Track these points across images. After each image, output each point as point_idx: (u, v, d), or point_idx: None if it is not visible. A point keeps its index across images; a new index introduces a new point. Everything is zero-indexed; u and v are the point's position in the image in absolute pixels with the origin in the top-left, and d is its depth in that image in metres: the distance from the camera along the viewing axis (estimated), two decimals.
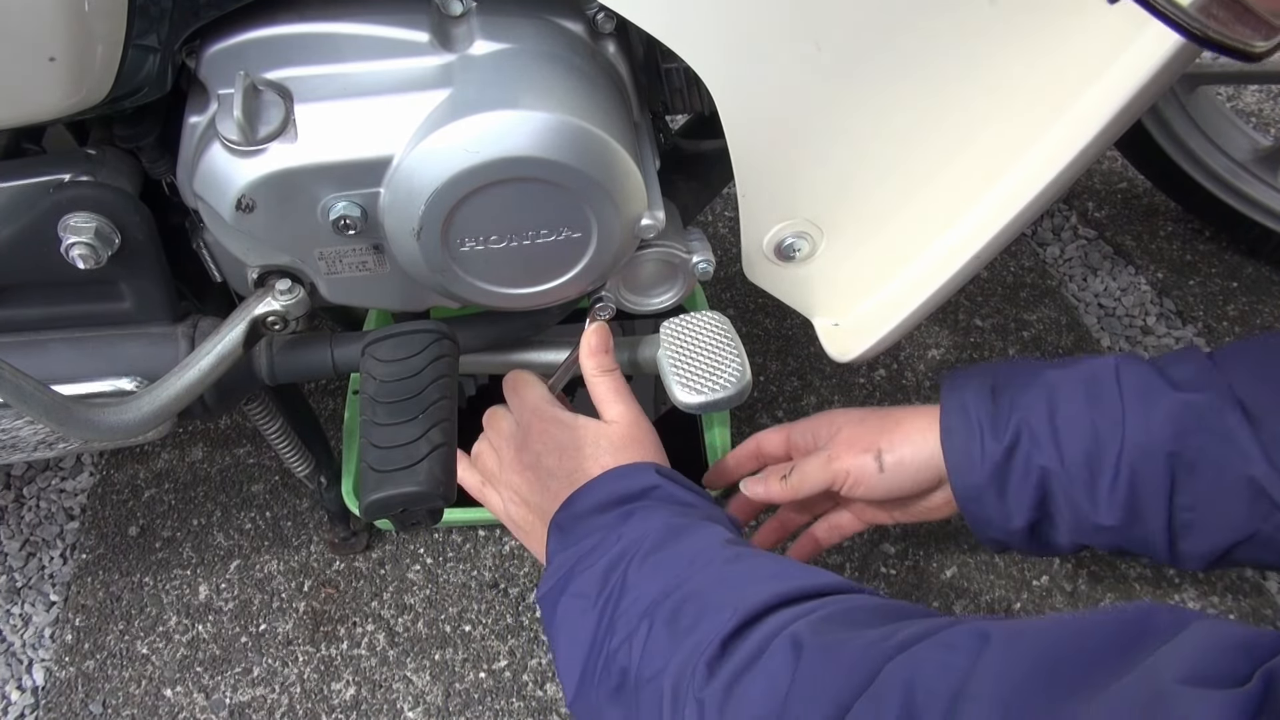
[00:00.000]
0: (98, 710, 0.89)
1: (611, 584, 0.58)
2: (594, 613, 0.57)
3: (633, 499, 0.63)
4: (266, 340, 0.74)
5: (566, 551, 0.62)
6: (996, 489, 0.66)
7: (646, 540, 0.58)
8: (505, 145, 0.59)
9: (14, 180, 0.64)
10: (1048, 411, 0.65)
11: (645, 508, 0.62)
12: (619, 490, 0.63)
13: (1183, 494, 0.61)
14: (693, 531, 0.59)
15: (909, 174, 0.70)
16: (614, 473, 0.64)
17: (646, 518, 0.61)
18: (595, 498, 0.63)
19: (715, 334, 0.70)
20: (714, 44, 0.61)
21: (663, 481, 0.64)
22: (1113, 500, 0.63)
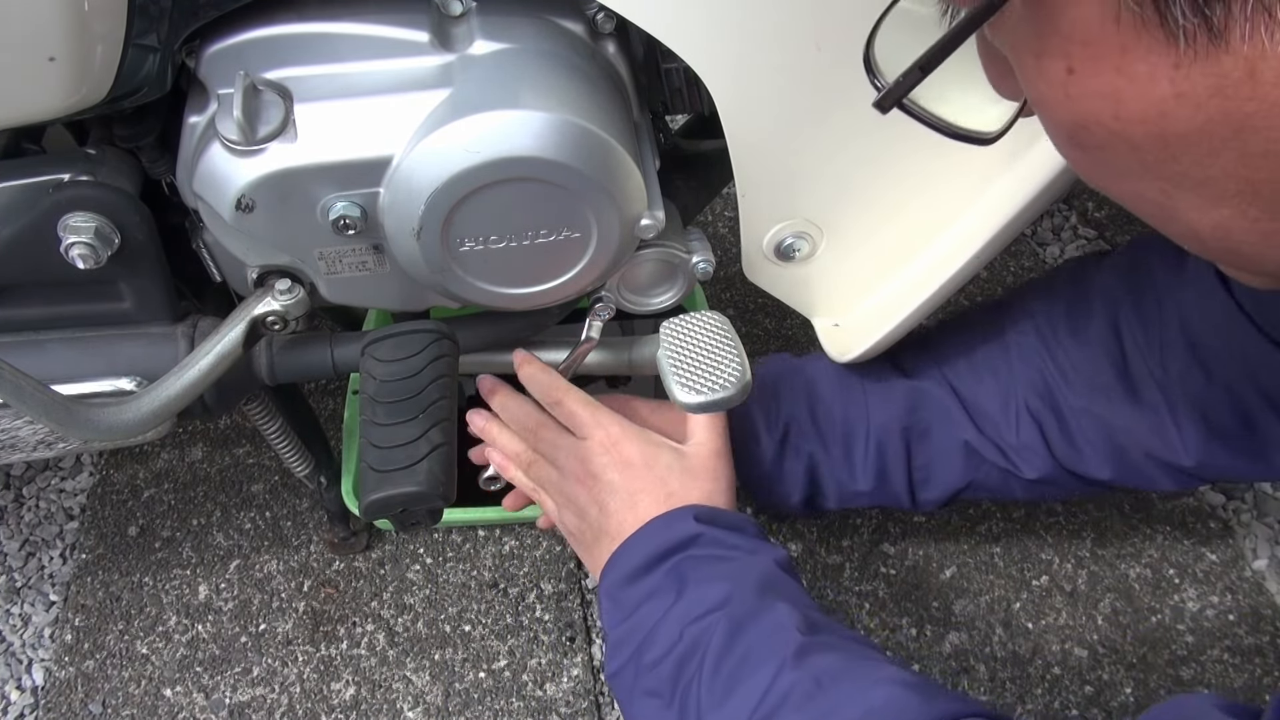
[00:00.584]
0: (97, 710, 0.89)
1: (683, 690, 0.58)
2: (672, 719, 0.59)
3: (676, 550, 0.64)
4: (266, 340, 0.74)
5: (624, 624, 0.63)
6: (775, 474, 0.80)
7: (711, 637, 0.58)
8: (505, 145, 0.59)
9: (14, 180, 0.64)
10: (808, 406, 0.79)
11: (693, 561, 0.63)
12: (661, 544, 0.64)
13: (917, 456, 0.78)
14: (755, 623, 0.58)
15: (909, 174, 0.70)
16: (654, 525, 0.65)
17: (700, 583, 0.61)
18: (638, 557, 0.64)
19: (715, 334, 0.70)
20: (714, 44, 0.61)
21: (704, 529, 0.64)
22: (866, 470, 0.78)
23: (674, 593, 0.62)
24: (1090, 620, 0.92)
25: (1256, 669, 0.88)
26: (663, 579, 0.63)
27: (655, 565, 0.64)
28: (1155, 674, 0.88)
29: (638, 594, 0.63)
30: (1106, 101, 0.32)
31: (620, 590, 0.64)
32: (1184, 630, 0.91)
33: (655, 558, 0.64)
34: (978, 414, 0.76)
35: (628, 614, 0.63)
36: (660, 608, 0.61)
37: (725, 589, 0.60)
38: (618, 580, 0.65)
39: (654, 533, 0.65)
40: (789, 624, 0.58)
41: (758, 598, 0.60)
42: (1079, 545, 0.98)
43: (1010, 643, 0.91)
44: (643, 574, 0.64)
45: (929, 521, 1.00)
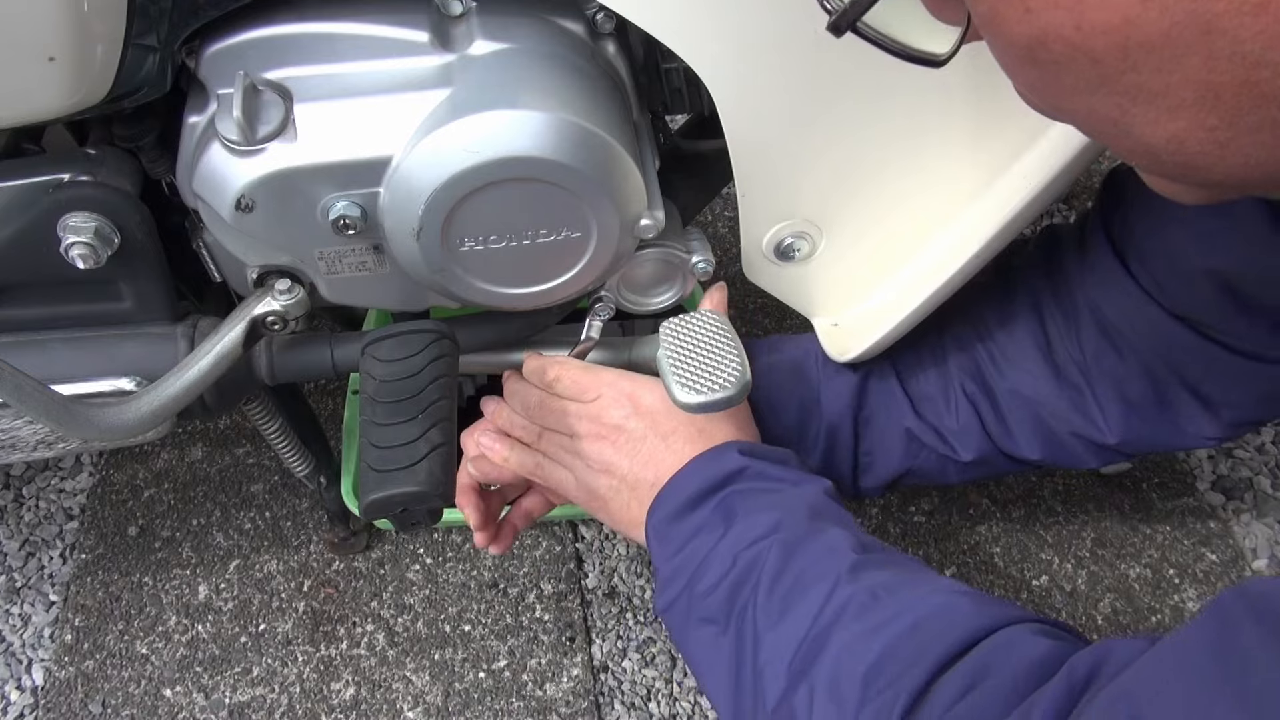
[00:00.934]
0: (97, 710, 0.89)
1: (739, 614, 0.58)
2: (729, 644, 0.59)
3: (723, 485, 0.64)
4: (266, 340, 0.74)
5: (674, 559, 0.63)
6: None
7: (767, 561, 0.59)
8: (505, 145, 0.59)
9: (14, 180, 0.64)
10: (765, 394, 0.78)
11: (740, 495, 0.63)
12: (708, 479, 0.64)
13: (864, 441, 0.78)
14: (808, 545, 0.59)
15: (908, 173, 0.70)
16: (699, 461, 0.65)
17: (749, 514, 0.62)
18: (685, 493, 0.64)
19: (715, 334, 0.70)
20: (714, 44, 0.61)
21: (749, 462, 0.64)
22: (815, 453, 0.78)
23: (723, 525, 0.62)
24: (1090, 620, 0.92)
25: None
26: (711, 514, 0.63)
27: (703, 500, 0.64)
28: None
29: (687, 528, 0.63)
30: (1069, 13, 0.31)
31: (668, 526, 0.64)
32: None
33: (703, 493, 0.63)
34: (919, 400, 0.77)
35: (678, 548, 0.63)
36: (711, 539, 0.62)
37: (775, 516, 0.61)
38: (666, 516, 0.64)
39: (699, 468, 0.65)
40: (842, 545, 0.59)
41: (809, 522, 0.61)
42: (1079, 545, 0.98)
43: None
44: (690, 509, 0.64)
45: (929, 521, 1.00)
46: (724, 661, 0.59)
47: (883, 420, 0.78)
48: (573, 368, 0.72)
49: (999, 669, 0.49)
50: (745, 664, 0.57)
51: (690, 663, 0.63)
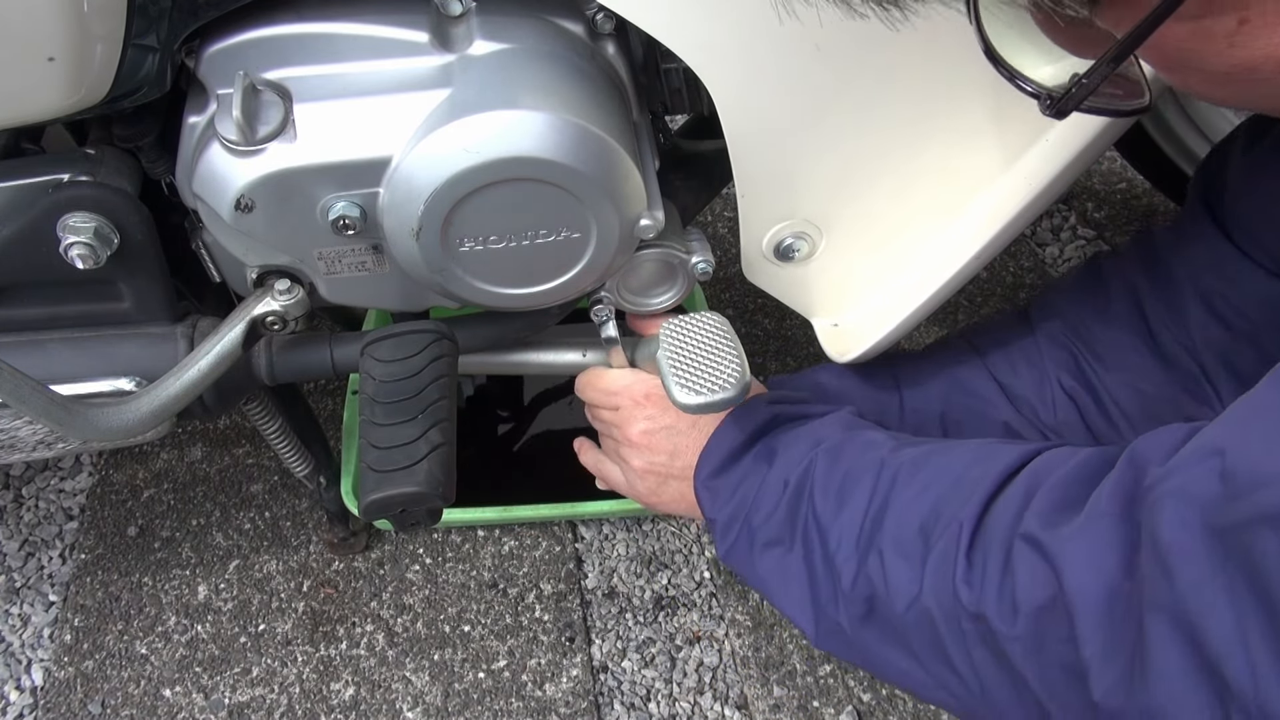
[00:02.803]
0: (96, 710, 0.89)
1: (802, 523, 0.62)
2: (797, 555, 0.62)
3: (761, 434, 0.68)
4: (265, 340, 0.74)
5: (727, 506, 0.66)
6: None
7: (815, 470, 0.62)
8: (504, 145, 0.59)
9: (13, 180, 0.64)
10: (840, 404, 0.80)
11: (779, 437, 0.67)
12: (745, 432, 0.68)
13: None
14: (849, 447, 0.63)
15: (908, 174, 0.70)
16: (731, 419, 0.69)
17: (789, 446, 0.65)
18: (725, 447, 0.68)
19: (715, 334, 0.70)
20: (713, 45, 0.61)
21: (779, 408, 0.69)
22: None
23: (766, 464, 0.65)
24: None
25: None
26: (753, 461, 0.67)
27: (743, 452, 0.67)
28: None
29: (733, 479, 0.67)
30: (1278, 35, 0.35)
31: (714, 480, 0.67)
32: None
33: (742, 445, 0.67)
34: (1015, 398, 0.78)
35: (729, 496, 0.66)
36: (758, 479, 0.65)
37: (813, 437, 0.65)
38: (711, 472, 0.68)
39: (734, 424, 0.69)
40: (880, 438, 0.63)
41: (845, 431, 0.65)
42: None
43: None
44: (733, 461, 0.67)
45: None
46: (795, 569, 0.62)
47: (977, 418, 0.79)
48: (594, 380, 0.77)
49: (1049, 474, 0.52)
50: (815, 561, 0.60)
51: (763, 588, 0.65)
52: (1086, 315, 0.76)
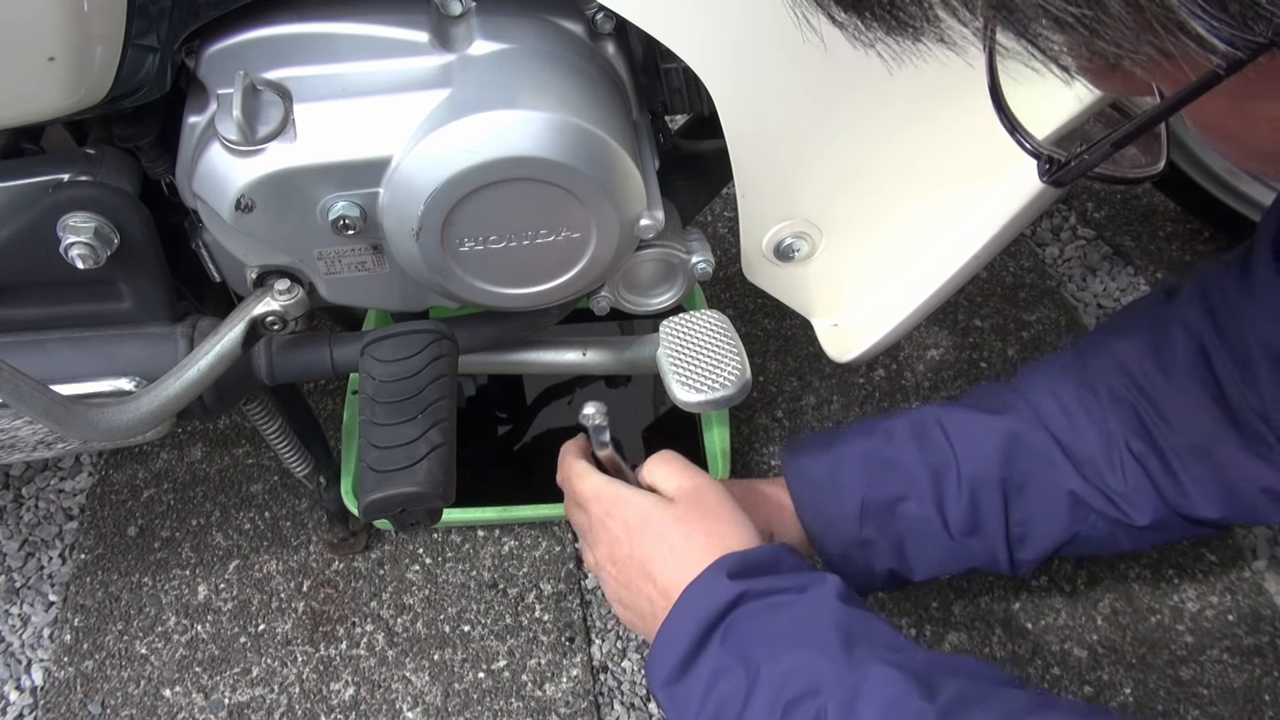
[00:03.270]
0: (96, 710, 0.89)
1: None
2: None
3: (720, 619, 0.57)
4: (265, 340, 0.74)
5: (702, 717, 0.56)
6: (857, 547, 0.73)
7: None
8: (504, 145, 0.59)
9: (13, 180, 0.64)
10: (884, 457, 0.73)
11: (747, 623, 0.57)
12: (702, 618, 0.57)
13: (1015, 511, 0.72)
14: (869, 705, 0.52)
15: (908, 174, 0.70)
16: (686, 599, 0.59)
17: (774, 658, 0.55)
18: (683, 642, 0.57)
19: (715, 333, 0.70)
20: (714, 44, 0.61)
21: (744, 585, 0.58)
22: (956, 524, 0.72)
23: (742, 670, 0.55)
24: (1090, 620, 0.92)
25: (1256, 669, 0.88)
26: (720, 654, 0.56)
27: (705, 642, 0.57)
28: (1154, 674, 0.88)
29: (700, 682, 0.56)
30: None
31: (675, 686, 0.57)
32: (1183, 630, 0.91)
33: (702, 635, 0.57)
34: (1079, 461, 0.71)
35: (697, 709, 0.56)
36: (736, 693, 0.55)
37: (810, 661, 0.54)
38: (670, 675, 0.58)
39: (689, 609, 0.58)
40: (906, 690, 0.51)
41: (848, 661, 0.54)
42: None
43: (1010, 643, 0.91)
44: (694, 657, 0.57)
45: None
46: None
47: (1039, 486, 0.72)
48: (569, 473, 0.71)
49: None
50: None
51: None
52: (1149, 369, 0.70)
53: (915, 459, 0.72)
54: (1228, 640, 0.90)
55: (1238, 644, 0.90)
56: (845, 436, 0.75)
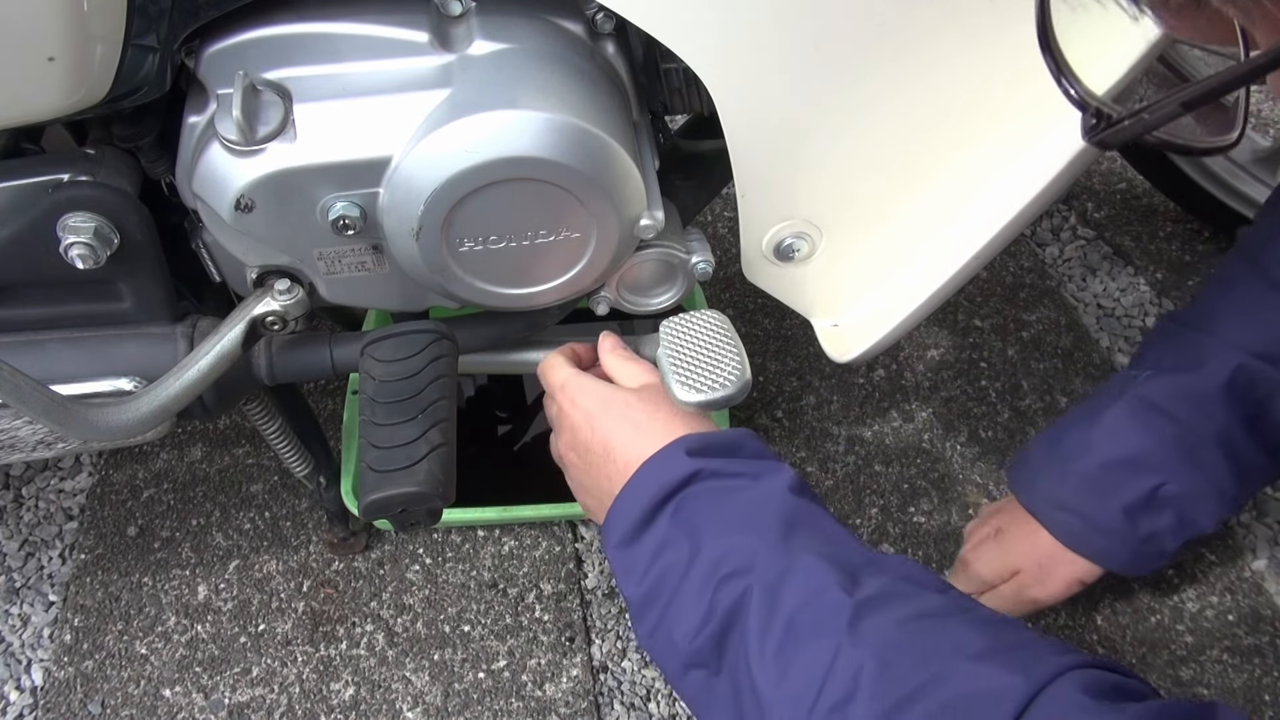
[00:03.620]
0: (96, 710, 0.89)
1: (733, 665, 0.53)
2: (725, 688, 0.54)
3: (675, 493, 0.59)
4: (265, 340, 0.74)
5: (643, 586, 0.58)
6: (1143, 542, 0.82)
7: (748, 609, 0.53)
8: (504, 145, 0.59)
9: (13, 180, 0.64)
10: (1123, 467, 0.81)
11: (698, 500, 0.58)
12: (657, 490, 0.59)
13: (1267, 435, 0.80)
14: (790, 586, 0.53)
15: (908, 174, 0.70)
16: (645, 470, 0.60)
17: (717, 536, 0.56)
18: (637, 508, 0.59)
19: (715, 333, 0.70)
20: (713, 44, 0.61)
21: (700, 463, 0.59)
22: (1223, 468, 0.80)
23: (687, 543, 0.57)
24: (1090, 620, 0.92)
25: (1255, 669, 0.88)
26: (669, 527, 0.58)
27: (657, 513, 0.59)
28: (1155, 674, 0.88)
29: (648, 549, 0.59)
30: None
31: (628, 548, 0.60)
32: (1183, 630, 0.91)
33: (654, 505, 0.59)
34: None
35: (643, 573, 0.58)
36: (678, 563, 0.57)
37: (747, 543, 0.55)
38: (623, 538, 0.60)
39: (648, 479, 0.60)
40: (829, 581, 0.52)
41: (783, 548, 0.55)
42: None
43: None
44: (646, 525, 0.59)
45: (928, 521, 1.00)
46: (723, 706, 0.55)
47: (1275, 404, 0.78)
48: (544, 367, 0.72)
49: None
50: (747, 710, 0.52)
51: (685, 701, 0.59)
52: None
53: (1152, 444, 0.79)
54: (1228, 640, 0.90)
55: (1238, 644, 0.90)
56: (1068, 450, 0.84)
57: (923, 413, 1.10)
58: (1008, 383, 1.13)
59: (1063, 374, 1.13)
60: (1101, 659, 0.49)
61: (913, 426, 1.08)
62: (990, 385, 1.12)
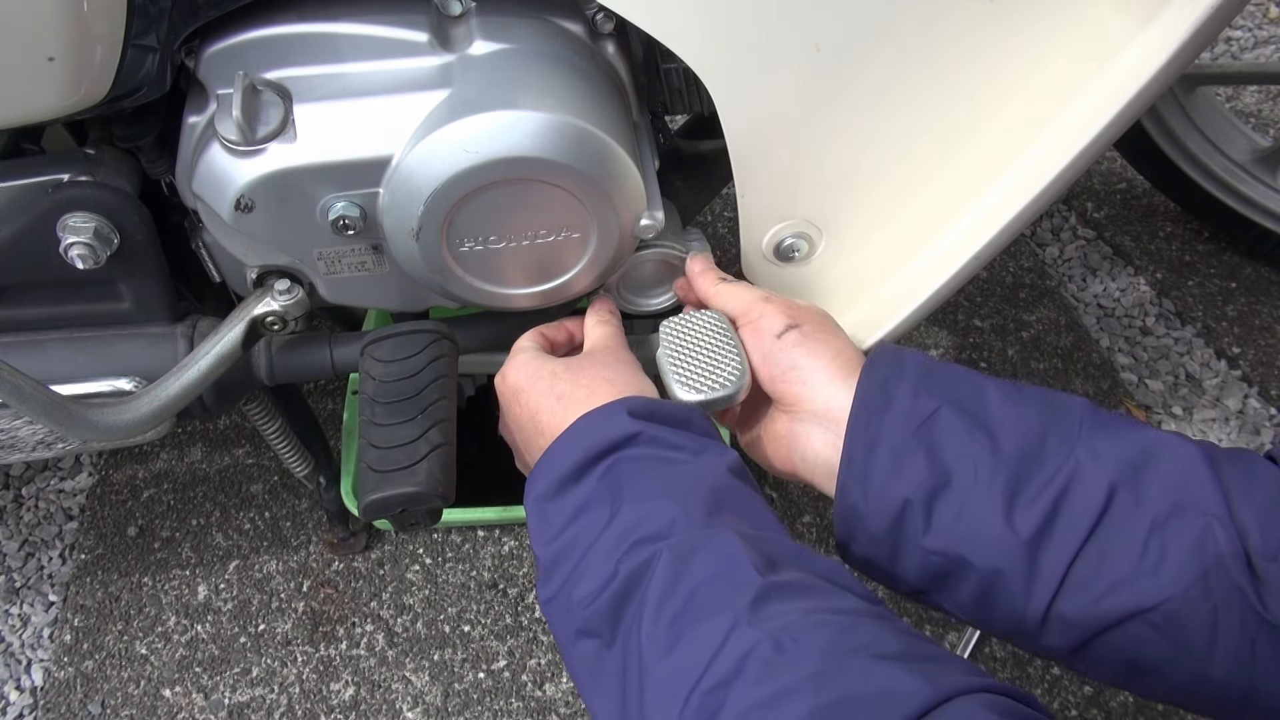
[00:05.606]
0: (96, 710, 0.89)
1: (626, 633, 0.49)
2: (614, 663, 0.50)
3: (609, 452, 0.54)
4: (265, 340, 0.74)
5: (555, 544, 0.53)
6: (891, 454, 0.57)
7: (652, 573, 0.48)
8: (504, 145, 0.59)
9: (13, 180, 0.64)
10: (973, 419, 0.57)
11: (629, 465, 0.53)
12: (591, 446, 0.54)
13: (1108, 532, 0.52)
14: (701, 557, 0.48)
15: (908, 174, 0.70)
16: (581, 424, 0.55)
17: (639, 500, 0.51)
18: (566, 462, 0.54)
19: (714, 332, 0.70)
20: (713, 44, 0.61)
21: (641, 426, 0.54)
22: (1032, 513, 0.53)
23: (608, 506, 0.52)
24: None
25: None
26: (596, 487, 0.53)
27: (586, 470, 0.54)
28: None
29: (568, 507, 0.53)
30: None
31: (547, 503, 0.54)
32: None
33: (586, 461, 0.54)
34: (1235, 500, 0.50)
35: (558, 531, 0.53)
36: (594, 526, 0.52)
37: (668, 509, 0.51)
38: (544, 492, 0.54)
39: (582, 434, 0.55)
40: (742, 559, 0.48)
41: (705, 519, 0.50)
42: None
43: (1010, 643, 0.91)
44: (572, 482, 0.54)
45: None
46: (609, 683, 0.50)
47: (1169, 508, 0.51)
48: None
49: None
50: (631, 696, 0.48)
51: (572, 674, 0.54)
52: None
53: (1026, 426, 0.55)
54: None
55: None
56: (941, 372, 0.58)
57: None
58: None
59: (1063, 374, 1.13)
60: (1014, 688, 0.43)
61: None
62: None
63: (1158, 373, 1.14)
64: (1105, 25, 0.62)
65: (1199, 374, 1.14)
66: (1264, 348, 1.16)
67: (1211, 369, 1.14)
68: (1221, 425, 1.09)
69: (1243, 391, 1.12)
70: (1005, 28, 0.62)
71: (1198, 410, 1.10)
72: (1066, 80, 0.64)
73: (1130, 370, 1.14)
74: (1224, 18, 0.57)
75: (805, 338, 0.63)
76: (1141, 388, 1.12)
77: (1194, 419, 1.09)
